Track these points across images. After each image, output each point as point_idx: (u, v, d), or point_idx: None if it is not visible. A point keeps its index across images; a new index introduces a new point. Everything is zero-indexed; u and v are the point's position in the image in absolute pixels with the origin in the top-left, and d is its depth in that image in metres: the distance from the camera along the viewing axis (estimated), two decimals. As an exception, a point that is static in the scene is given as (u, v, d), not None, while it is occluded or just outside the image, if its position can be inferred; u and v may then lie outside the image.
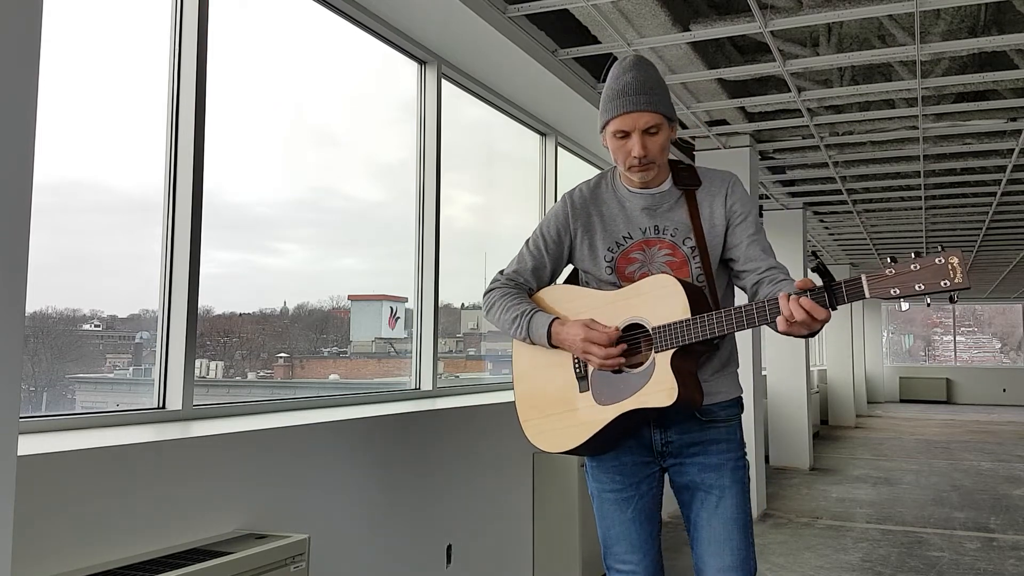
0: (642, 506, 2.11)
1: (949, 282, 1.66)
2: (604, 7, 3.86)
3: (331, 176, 3.80)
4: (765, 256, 2.06)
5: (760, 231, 2.10)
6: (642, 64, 2.05)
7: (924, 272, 1.69)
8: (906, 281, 1.70)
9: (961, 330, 25.33)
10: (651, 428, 2.09)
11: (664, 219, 2.10)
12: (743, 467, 2.09)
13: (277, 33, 3.38)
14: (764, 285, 2.01)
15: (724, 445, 2.07)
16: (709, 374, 2.07)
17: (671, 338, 1.91)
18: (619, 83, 2.02)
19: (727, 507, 2.03)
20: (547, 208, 5.42)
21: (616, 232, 2.13)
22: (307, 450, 2.68)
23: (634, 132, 2.00)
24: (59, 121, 2.36)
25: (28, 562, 1.85)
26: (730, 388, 2.12)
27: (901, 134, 5.94)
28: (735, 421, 2.12)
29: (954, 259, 1.66)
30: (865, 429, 13.42)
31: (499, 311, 2.19)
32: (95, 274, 2.66)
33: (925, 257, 1.69)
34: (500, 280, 2.24)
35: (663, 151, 2.04)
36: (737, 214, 2.09)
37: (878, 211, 8.97)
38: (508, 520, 3.90)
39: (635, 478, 2.11)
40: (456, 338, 5.00)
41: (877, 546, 5.25)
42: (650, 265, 2.09)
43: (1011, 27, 4.16)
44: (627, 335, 2.00)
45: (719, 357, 2.11)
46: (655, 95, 2.00)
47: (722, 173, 2.16)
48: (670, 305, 1.93)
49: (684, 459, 2.08)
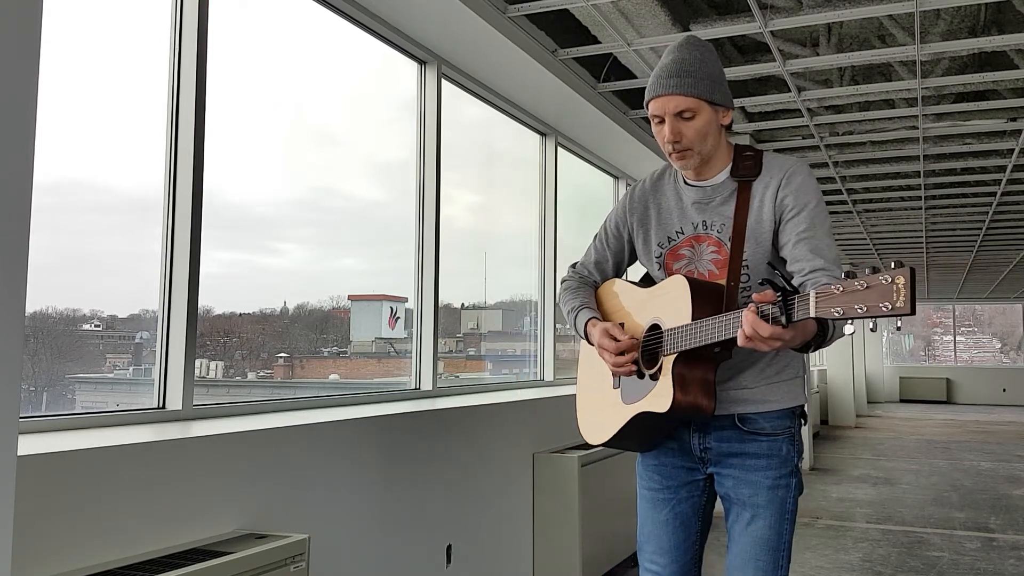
0: (679, 511, 2.03)
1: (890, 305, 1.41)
2: (604, 7, 3.86)
3: (331, 176, 3.79)
4: (812, 257, 1.83)
5: (815, 227, 1.86)
6: (688, 45, 1.93)
7: (869, 292, 1.44)
8: (850, 301, 1.47)
9: (961, 330, 25.33)
10: (690, 432, 2.00)
11: (713, 214, 1.97)
12: (786, 487, 1.92)
13: (277, 33, 3.38)
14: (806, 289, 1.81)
15: (765, 461, 1.92)
16: (753, 380, 1.95)
17: (675, 342, 1.85)
18: (660, 66, 1.93)
19: (759, 527, 1.91)
20: (548, 208, 5.42)
21: (670, 227, 2.04)
22: (307, 450, 2.68)
23: (667, 116, 1.89)
24: (59, 121, 2.36)
25: (28, 562, 1.85)
26: (783, 398, 1.96)
27: (901, 134, 5.95)
28: (784, 435, 1.94)
29: (900, 279, 1.40)
30: (865, 429, 13.42)
31: (562, 304, 2.19)
32: (95, 274, 2.66)
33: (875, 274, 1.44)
34: (569, 273, 2.24)
35: (702, 137, 1.90)
36: (789, 208, 1.88)
37: (878, 211, 8.97)
38: (508, 520, 3.90)
39: (674, 481, 2.04)
40: (456, 338, 5.00)
41: (877, 546, 5.25)
42: (697, 263, 1.99)
43: (1011, 27, 4.16)
44: (650, 335, 1.95)
45: (773, 363, 1.96)
46: (691, 78, 1.87)
47: (784, 161, 1.95)
48: (679, 307, 1.86)
49: (722, 469, 1.97)
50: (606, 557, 4.36)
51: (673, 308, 1.88)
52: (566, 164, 5.77)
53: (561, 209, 5.53)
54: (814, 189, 1.91)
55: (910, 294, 1.40)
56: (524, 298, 5.55)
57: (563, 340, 5.69)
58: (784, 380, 1.97)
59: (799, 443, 1.99)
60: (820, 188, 1.96)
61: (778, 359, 1.97)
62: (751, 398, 1.94)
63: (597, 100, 5.05)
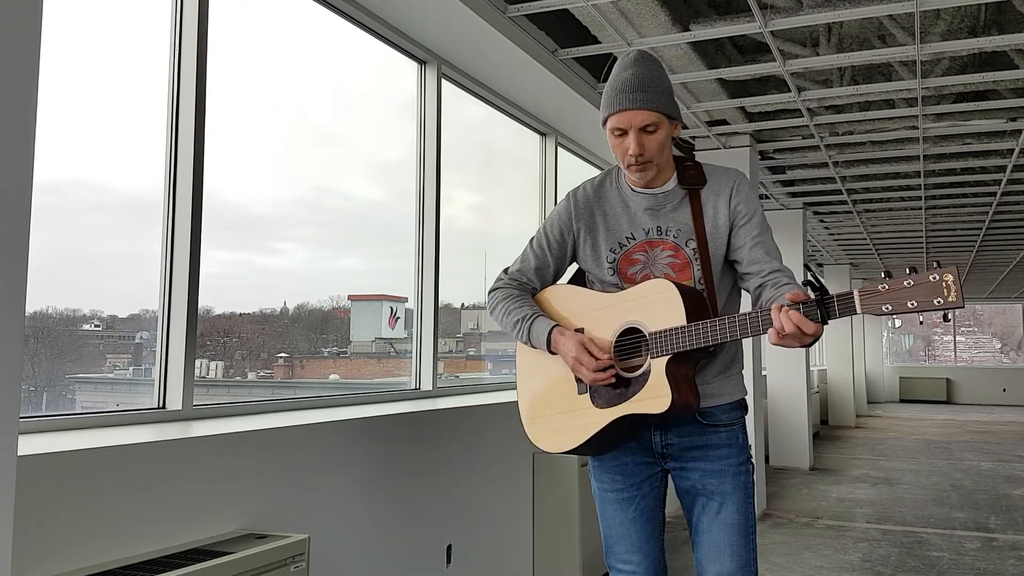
0: (643, 507, 2.10)
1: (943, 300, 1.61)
2: (604, 7, 3.86)
3: (331, 176, 3.80)
4: (769, 259, 2.01)
5: (765, 232, 2.05)
6: (644, 60, 2.01)
7: (918, 289, 1.64)
8: (899, 298, 1.65)
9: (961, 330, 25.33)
10: (651, 430, 2.08)
11: (667, 220, 2.07)
12: (746, 472, 2.06)
13: (277, 33, 3.38)
14: (767, 288, 1.97)
15: (726, 450, 2.04)
16: (711, 377, 2.05)
17: (667, 344, 1.89)
18: (619, 79, 1.99)
19: (728, 513, 2.01)
20: (548, 208, 5.42)
21: (619, 232, 2.11)
22: (307, 450, 2.68)
23: (631, 130, 1.97)
24: (59, 121, 2.36)
25: (28, 562, 1.85)
26: (733, 391, 2.09)
27: (901, 134, 5.94)
28: (738, 425, 2.09)
29: (949, 276, 1.61)
30: (865, 429, 13.42)
31: (502, 312, 2.18)
32: (95, 274, 2.66)
33: (920, 273, 1.64)
34: (504, 279, 2.23)
35: (661, 150, 2.01)
36: (741, 215, 2.04)
37: (878, 211, 8.97)
38: (508, 520, 3.90)
39: (636, 478, 2.10)
40: (456, 338, 5.00)
41: (877, 546, 5.25)
42: (652, 267, 2.06)
43: (1011, 27, 4.16)
44: (624, 339, 1.99)
45: (722, 360, 2.08)
46: (654, 92, 1.96)
47: (728, 171, 2.11)
48: (667, 311, 1.91)
49: (685, 463, 2.06)
50: (606, 557, 4.36)
51: (658, 311, 1.93)
52: (566, 164, 5.77)
53: (561, 209, 5.52)
54: (756, 197, 2.12)
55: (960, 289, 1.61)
56: (524, 298, 5.53)
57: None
58: (733, 375, 2.11)
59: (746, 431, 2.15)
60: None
61: (727, 355, 2.09)
62: (710, 392, 2.04)
63: (597, 100, 5.05)
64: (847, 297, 1.70)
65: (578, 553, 4.02)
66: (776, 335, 1.74)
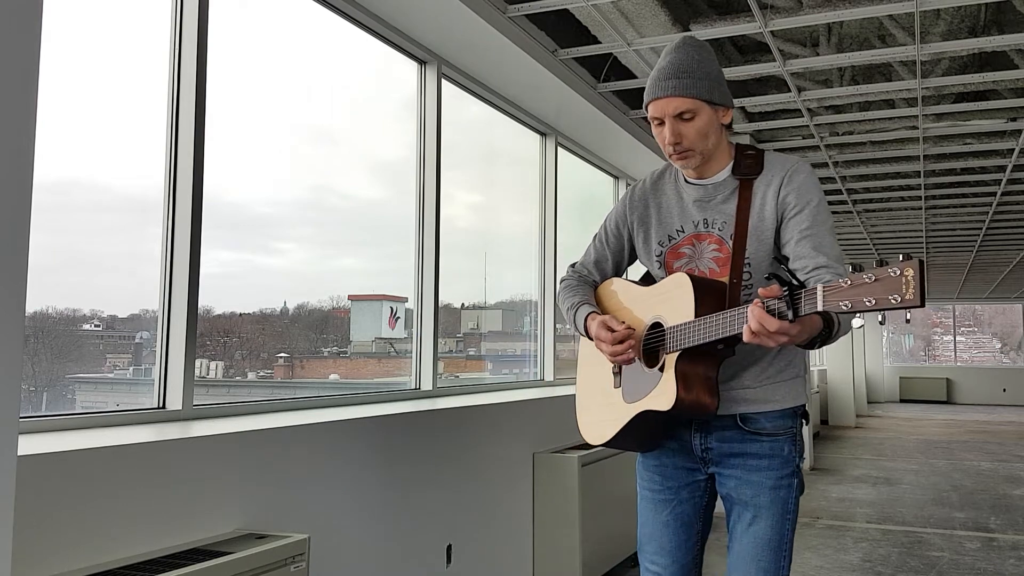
0: (679, 512, 2.03)
1: (899, 298, 1.41)
2: (604, 7, 3.86)
3: (331, 176, 3.79)
4: (815, 255, 1.83)
5: (818, 225, 1.87)
6: (685, 46, 1.93)
7: (877, 285, 1.45)
8: (857, 295, 1.47)
9: (961, 330, 25.33)
10: (692, 432, 2.00)
11: (715, 212, 1.97)
12: (788, 487, 1.93)
13: (277, 33, 3.38)
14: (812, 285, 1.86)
15: (767, 461, 1.93)
16: (755, 380, 1.94)
17: (677, 340, 1.84)
18: (657, 68, 1.94)
19: (761, 528, 1.91)
20: (548, 208, 5.42)
21: (670, 225, 2.04)
22: (307, 450, 2.68)
23: (666, 119, 1.90)
24: (59, 120, 2.36)
25: (28, 562, 1.85)
26: (784, 397, 1.95)
27: (901, 134, 5.94)
28: (785, 435, 1.95)
29: (909, 271, 1.40)
30: (865, 429, 13.42)
31: (561, 303, 2.18)
32: (95, 274, 2.66)
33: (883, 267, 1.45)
34: (569, 272, 2.24)
35: (702, 137, 1.90)
36: (791, 206, 1.89)
37: (878, 211, 8.97)
38: (508, 520, 3.90)
39: (675, 482, 2.04)
40: (456, 338, 5.00)
41: (877, 546, 5.25)
42: (698, 261, 1.98)
43: (1011, 27, 4.16)
44: (652, 333, 1.94)
45: (771, 362, 1.96)
46: (690, 79, 1.87)
47: (785, 160, 1.96)
48: (682, 305, 1.85)
49: (724, 469, 1.97)
50: (606, 557, 4.36)
51: (675, 306, 1.87)
52: (566, 164, 5.77)
53: (561, 209, 5.53)
54: (816, 187, 1.92)
55: (919, 286, 1.41)
56: (524, 298, 5.55)
57: (563, 340, 5.69)
58: (785, 380, 1.97)
59: (800, 443, 1.99)
60: (822, 187, 1.96)
61: (779, 358, 1.97)
62: (753, 398, 1.94)
63: (597, 100, 5.05)
64: (812, 292, 1.54)
65: (578, 553, 4.02)
66: (749, 332, 1.61)
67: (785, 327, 1.57)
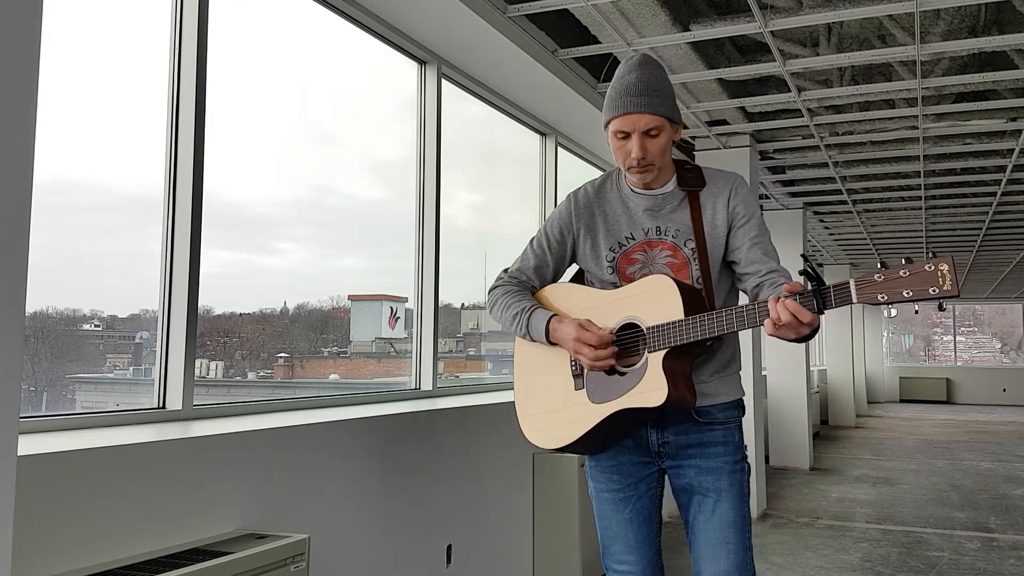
0: (640, 507, 2.11)
1: (938, 289, 1.62)
2: (604, 7, 3.86)
3: (331, 176, 3.79)
4: (767, 259, 2.04)
5: (763, 233, 2.08)
6: (648, 64, 2.03)
7: (913, 279, 1.65)
8: (894, 287, 1.66)
9: (961, 330, 25.33)
10: (648, 428, 2.09)
11: (666, 220, 2.10)
12: (741, 470, 2.07)
13: (277, 33, 3.38)
14: (764, 288, 1.99)
15: (722, 448, 2.06)
16: (708, 375, 2.07)
17: (664, 338, 1.91)
18: (623, 83, 2.01)
19: (724, 510, 2.01)
20: (548, 208, 5.42)
21: (619, 232, 2.13)
22: (307, 450, 2.68)
23: (634, 133, 1.99)
24: (59, 120, 2.36)
25: (28, 562, 1.85)
26: (730, 390, 2.11)
27: (901, 134, 5.94)
28: (734, 424, 2.10)
29: (944, 266, 1.61)
30: (865, 429, 13.42)
31: (501, 308, 2.21)
32: (95, 274, 2.66)
33: (915, 263, 1.65)
34: (503, 278, 2.26)
35: (663, 153, 2.03)
36: (740, 216, 2.07)
37: (878, 211, 8.97)
38: (508, 520, 3.90)
39: (633, 478, 2.11)
40: (456, 338, 5.00)
41: (877, 546, 5.25)
42: (651, 266, 2.08)
43: (1011, 27, 4.16)
44: (622, 334, 2.00)
45: (719, 359, 2.10)
46: (658, 97, 1.99)
47: (727, 174, 2.14)
48: (665, 305, 1.93)
49: (681, 461, 2.07)
50: (606, 557, 4.36)
51: (656, 306, 1.95)
52: (566, 164, 5.78)
53: (561, 209, 5.52)
54: (755, 200, 2.15)
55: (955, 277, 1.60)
56: (524, 298, 5.53)
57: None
58: (730, 374, 2.12)
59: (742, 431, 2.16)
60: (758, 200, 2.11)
61: (725, 354, 2.11)
62: (706, 391, 2.05)
63: (597, 100, 5.05)
64: (843, 287, 1.71)
65: (578, 553, 4.02)
66: (772, 325, 1.76)
67: (815, 319, 1.73)
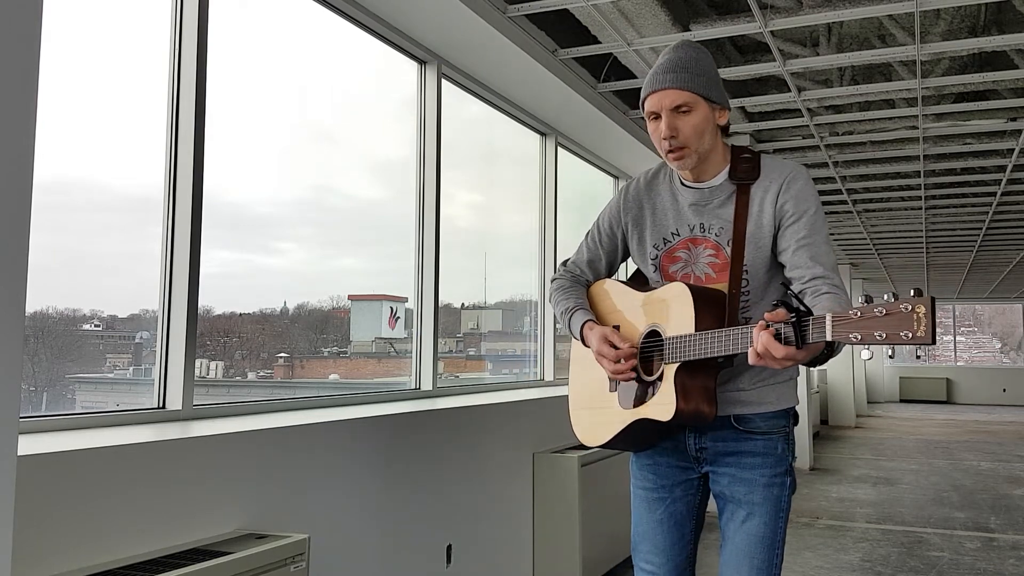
0: (673, 510, 2.04)
1: (911, 334, 1.45)
2: (604, 7, 3.86)
3: (331, 176, 3.79)
4: (812, 264, 1.84)
5: (815, 234, 1.87)
6: (683, 46, 1.93)
7: (888, 319, 1.49)
8: (868, 327, 1.51)
9: (961, 330, 25.33)
10: (686, 433, 2.00)
11: (711, 216, 1.96)
12: (781, 484, 1.94)
13: (277, 33, 3.38)
14: (806, 297, 1.82)
15: (760, 459, 1.93)
16: (749, 383, 1.95)
17: (677, 352, 1.83)
18: (655, 65, 1.94)
19: (754, 524, 1.92)
20: (548, 208, 5.42)
21: (665, 228, 2.03)
22: (307, 450, 2.68)
23: (663, 112, 1.88)
24: (59, 120, 2.36)
25: (28, 562, 1.85)
26: (778, 399, 1.97)
27: (901, 134, 5.95)
28: (778, 434, 1.96)
29: (921, 308, 1.44)
30: (865, 429, 13.42)
31: (553, 304, 2.17)
32: (95, 274, 2.66)
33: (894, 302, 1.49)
34: (561, 271, 2.22)
35: (698, 134, 1.89)
36: (789, 214, 1.88)
37: (878, 211, 8.97)
38: (508, 520, 3.90)
39: (668, 481, 2.04)
40: (456, 338, 5.00)
41: (877, 546, 5.25)
42: (693, 266, 1.97)
43: (1011, 27, 4.16)
44: (647, 342, 1.95)
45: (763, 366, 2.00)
46: (686, 73, 1.87)
47: (783, 165, 1.94)
48: (680, 315, 1.85)
49: (718, 468, 1.98)
50: (606, 557, 4.36)
51: (674, 315, 1.87)
52: (566, 164, 5.77)
53: (561, 209, 5.53)
54: (813, 195, 1.91)
55: (930, 323, 1.44)
56: (524, 298, 5.55)
57: (563, 340, 5.69)
58: (778, 382, 1.98)
59: (792, 442, 2.01)
60: (818, 193, 1.95)
61: None
62: (747, 399, 1.95)
63: (597, 100, 5.05)
64: (820, 321, 1.57)
65: (578, 553, 4.02)
66: (754, 355, 1.62)
67: (791, 353, 1.59)
